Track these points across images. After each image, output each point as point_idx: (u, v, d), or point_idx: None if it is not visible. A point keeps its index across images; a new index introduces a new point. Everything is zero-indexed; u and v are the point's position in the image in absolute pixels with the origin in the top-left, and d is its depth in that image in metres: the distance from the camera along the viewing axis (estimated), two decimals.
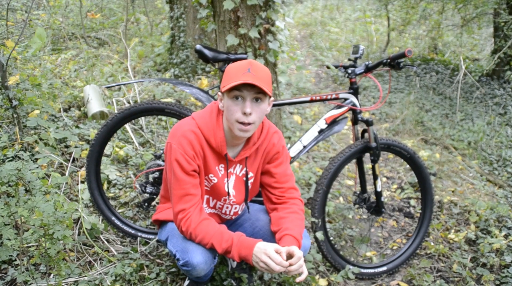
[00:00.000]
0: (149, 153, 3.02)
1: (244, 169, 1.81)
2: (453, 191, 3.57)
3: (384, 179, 3.73)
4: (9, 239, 1.74)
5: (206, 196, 1.82)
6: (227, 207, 1.86)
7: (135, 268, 2.12)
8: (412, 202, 3.34)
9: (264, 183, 1.88)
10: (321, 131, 2.43)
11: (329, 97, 2.41)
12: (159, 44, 5.98)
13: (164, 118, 3.74)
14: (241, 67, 1.59)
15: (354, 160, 2.50)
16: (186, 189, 1.66)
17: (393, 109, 5.38)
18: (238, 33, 2.55)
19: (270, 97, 1.66)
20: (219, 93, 1.67)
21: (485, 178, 4.06)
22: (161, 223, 1.94)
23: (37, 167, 2.32)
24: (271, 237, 1.82)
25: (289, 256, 1.58)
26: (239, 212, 1.94)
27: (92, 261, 2.18)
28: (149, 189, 2.29)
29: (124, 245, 2.36)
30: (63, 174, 2.72)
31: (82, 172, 2.71)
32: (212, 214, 1.89)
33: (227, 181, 1.79)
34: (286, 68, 3.17)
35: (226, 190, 1.79)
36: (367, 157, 2.49)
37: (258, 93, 1.59)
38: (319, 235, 2.34)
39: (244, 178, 1.82)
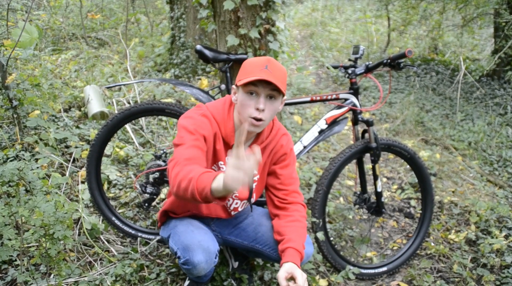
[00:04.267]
0: (150, 154, 3.02)
1: None
2: (453, 192, 3.56)
3: (385, 180, 3.72)
4: (10, 239, 1.74)
5: None
6: (229, 200, 1.86)
7: (135, 268, 2.12)
8: (413, 202, 3.34)
9: (269, 184, 1.88)
10: (321, 132, 2.43)
11: (329, 97, 2.41)
12: (160, 45, 5.98)
13: (164, 118, 3.74)
14: (259, 63, 1.61)
15: (354, 161, 2.50)
16: (192, 151, 1.56)
17: (393, 110, 5.37)
18: (239, 34, 2.55)
19: (283, 96, 1.67)
20: (234, 86, 1.69)
21: (486, 178, 4.05)
22: (163, 221, 1.94)
23: (38, 167, 2.32)
24: (274, 243, 1.83)
25: (291, 278, 1.60)
26: (239, 209, 1.92)
27: (92, 261, 2.18)
28: (149, 189, 2.29)
29: (124, 245, 2.36)
30: (63, 175, 2.72)
31: (83, 172, 2.71)
32: (217, 205, 1.87)
33: None
34: (286, 69, 3.18)
35: None
36: (367, 157, 2.49)
37: (273, 90, 1.60)
38: (320, 235, 2.34)
39: None
